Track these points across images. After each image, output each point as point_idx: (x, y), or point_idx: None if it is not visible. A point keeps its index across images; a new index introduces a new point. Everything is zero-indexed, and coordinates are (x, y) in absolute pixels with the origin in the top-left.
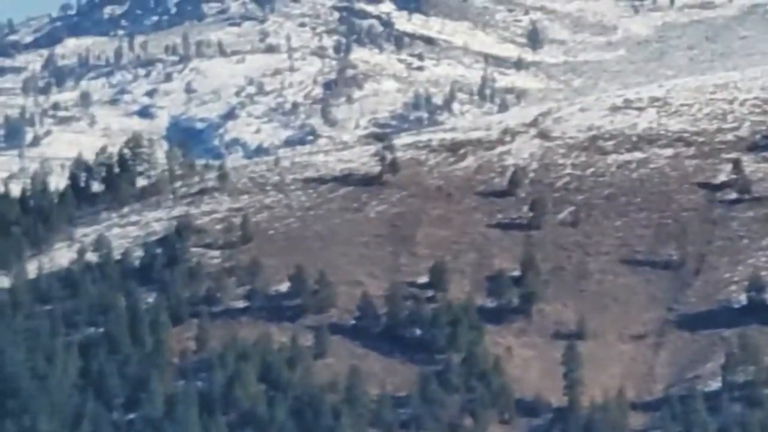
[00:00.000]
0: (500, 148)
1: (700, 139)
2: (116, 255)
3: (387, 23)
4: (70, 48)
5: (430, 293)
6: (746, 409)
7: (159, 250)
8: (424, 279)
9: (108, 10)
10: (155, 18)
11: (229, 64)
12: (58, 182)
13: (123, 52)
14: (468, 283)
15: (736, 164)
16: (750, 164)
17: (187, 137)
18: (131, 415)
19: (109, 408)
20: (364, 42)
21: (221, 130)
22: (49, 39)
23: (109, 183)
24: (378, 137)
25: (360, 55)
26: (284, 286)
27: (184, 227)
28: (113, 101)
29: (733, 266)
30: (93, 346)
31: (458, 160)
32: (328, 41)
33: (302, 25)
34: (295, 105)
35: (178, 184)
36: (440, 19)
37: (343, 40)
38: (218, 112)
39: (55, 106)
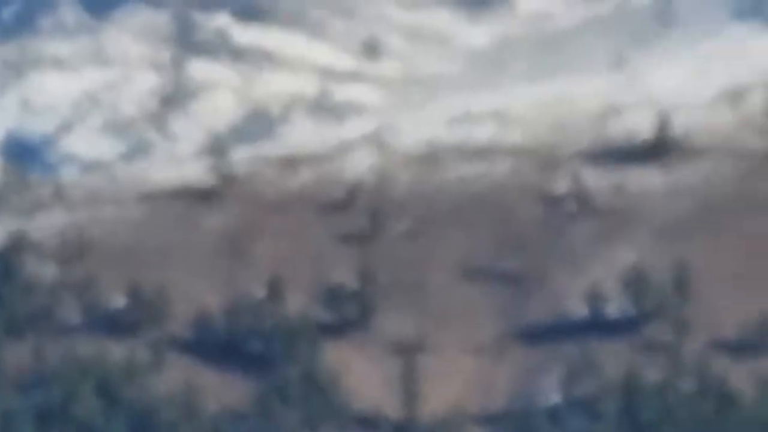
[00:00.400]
0: (338, 161)
1: (540, 151)
2: None
3: (224, 34)
4: None
5: (268, 307)
6: (587, 423)
7: None
8: (262, 293)
9: None
10: None
11: (64, 77)
12: None
13: None
14: (306, 296)
15: (576, 176)
16: (590, 176)
17: (21, 151)
18: None
19: None
20: (200, 54)
21: (56, 145)
22: None
23: None
24: (214, 151)
25: (196, 67)
26: (121, 301)
27: (19, 241)
28: None
29: (574, 278)
30: None
31: (295, 174)
32: (165, 53)
33: (138, 36)
34: (130, 118)
35: (12, 198)
36: (277, 31)
37: (180, 52)
38: (53, 126)
39: None
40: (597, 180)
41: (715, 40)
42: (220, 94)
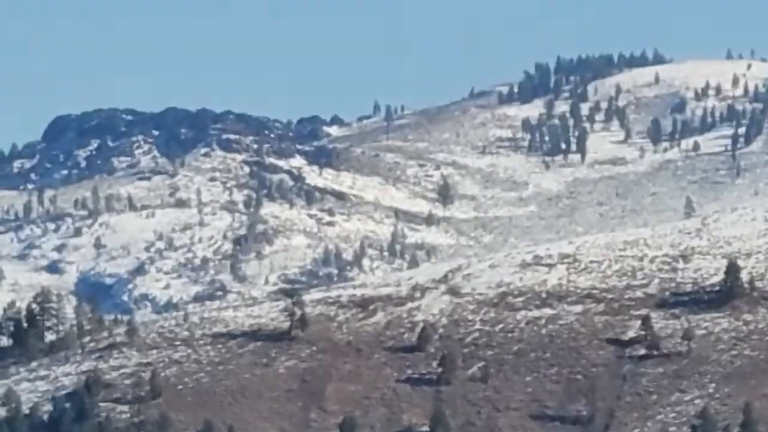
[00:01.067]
0: (410, 304)
1: (610, 296)
2: (25, 409)
3: (297, 178)
4: None
5: None
6: None
7: (68, 405)
8: None
9: (17, 164)
10: (65, 172)
11: (139, 219)
12: None
13: (32, 206)
14: None
15: (645, 321)
16: (659, 321)
17: (95, 292)
18: None
19: None
20: (274, 197)
21: (130, 285)
22: None
23: (18, 338)
24: (287, 293)
25: (270, 210)
26: None
27: (93, 382)
28: (22, 256)
29: (642, 422)
30: None
31: (368, 316)
32: (239, 196)
33: (213, 179)
34: (204, 260)
35: (86, 338)
36: (351, 174)
37: (254, 195)
38: (127, 267)
39: None
40: (666, 324)
41: None
42: (294, 237)
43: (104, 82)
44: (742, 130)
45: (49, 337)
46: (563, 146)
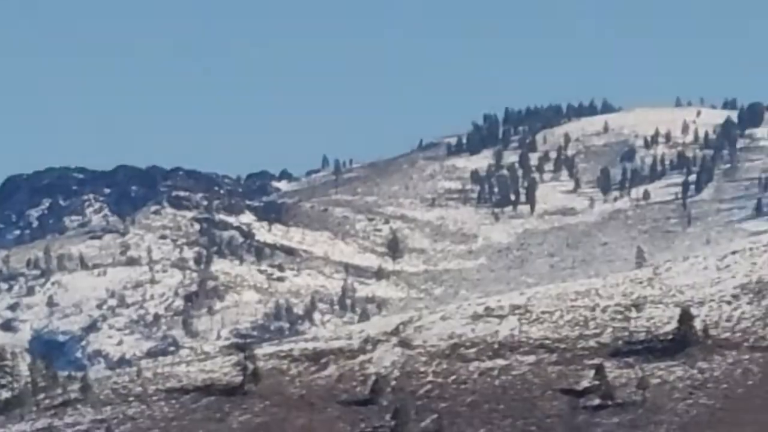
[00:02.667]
0: (362, 357)
1: (562, 346)
2: None
3: (247, 234)
4: None
5: None
6: None
7: None
8: None
9: None
10: (17, 232)
11: (91, 277)
12: None
13: None
14: None
15: (599, 370)
16: (613, 370)
17: (49, 350)
18: None
19: None
20: (224, 253)
21: (83, 342)
22: None
23: None
24: (239, 347)
25: (220, 266)
26: None
27: None
28: None
29: None
30: None
31: (320, 369)
32: (189, 253)
33: (163, 237)
34: (156, 316)
35: (41, 396)
36: (300, 230)
37: (204, 252)
38: (80, 324)
39: None
40: (620, 374)
41: (735, 237)
42: (244, 293)
43: (55, 141)
44: (692, 178)
45: (4, 394)
46: (512, 197)
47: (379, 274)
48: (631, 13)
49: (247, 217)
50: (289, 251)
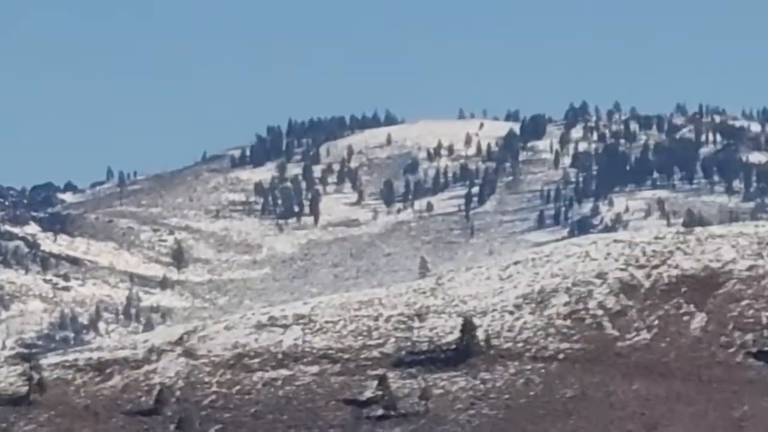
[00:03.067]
0: (146, 367)
1: (346, 356)
2: None
3: (33, 244)
4: None
5: None
6: None
7: None
8: None
9: None
10: None
11: None
12: None
13: None
14: None
15: (382, 380)
16: (396, 380)
17: None
18: None
19: None
20: (10, 263)
21: None
22: None
23: None
24: (24, 357)
25: (6, 276)
26: None
27: None
28: None
29: None
30: None
31: (105, 380)
32: None
33: None
34: None
35: None
36: (86, 240)
37: None
38: None
39: None
40: (403, 384)
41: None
42: (30, 302)
43: None
44: (475, 190)
45: None
46: (296, 209)
47: (164, 284)
48: (409, 23)
49: (32, 228)
50: (75, 261)
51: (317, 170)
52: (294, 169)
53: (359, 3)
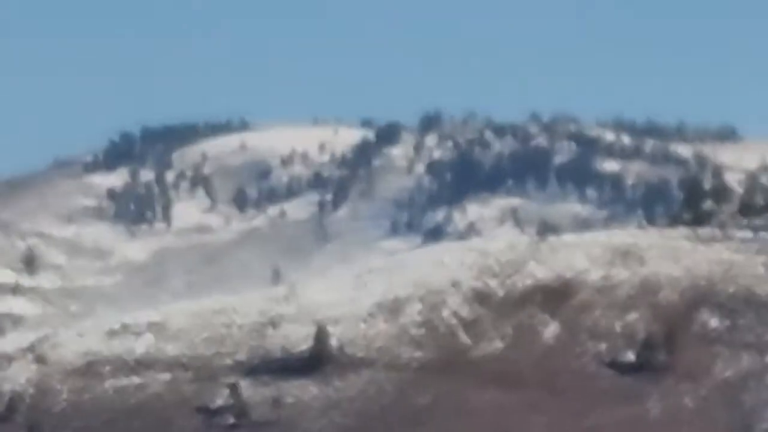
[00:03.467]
0: None
1: (198, 364)
2: None
3: None
4: None
5: None
6: None
7: None
8: None
9: None
10: None
11: None
12: None
13: None
14: None
15: (234, 388)
16: (248, 389)
17: None
18: None
19: None
20: None
21: None
22: None
23: None
24: None
25: None
26: None
27: None
28: None
29: None
30: None
31: None
32: None
33: None
34: None
35: None
36: None
37: None
38: None
39: None
40: (255, 392)
41: (371, 255)
42: None
43: None
44: (329, 197)
45: None
46: (149, 215)
47: (15, 290)
48: (263, 29)
49: None
50: None
51: (170, 176)
52: (147, 175)
53: (214, 8)
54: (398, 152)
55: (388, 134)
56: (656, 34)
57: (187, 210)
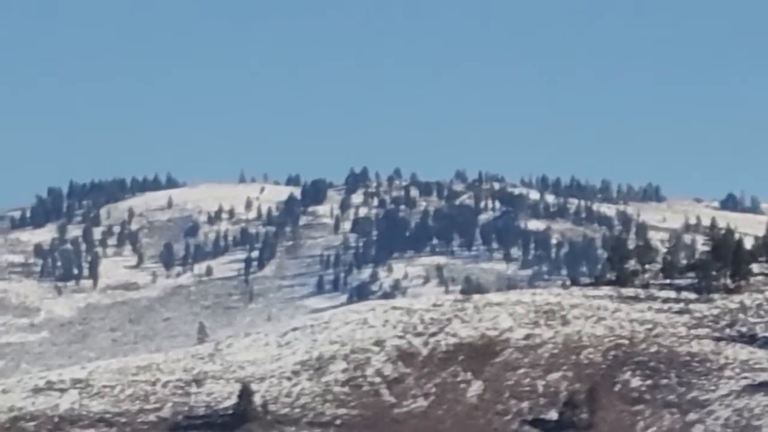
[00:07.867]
0: None
1: (123, 420)
2: None
3: None
4: None
5: None
6: None
7: None
8: None
9: None
10: None
11: None
12: None
13: None
14: None
15: None
16: None
17: None
18: None
19: None
20: None
21: None
22: None
23: None
24: None
25: None
26: None
27: None
28: None
29: None
30: None
31: None
32: None
33: None
34: None
35: None
36: None
37: None
38: None
39: None
40: None
41: (296, 313)
42: None
43: None
44: (255, 254)
45: None
46: (76, 271)
47: None
48: (190, 86)
49: None
50: None
51: (97, 232)
52: (74, 231)
53: (141, 66)
54: (324, 210)
55: (314, 192)
56: (581, 94)
57: (114, 267)
